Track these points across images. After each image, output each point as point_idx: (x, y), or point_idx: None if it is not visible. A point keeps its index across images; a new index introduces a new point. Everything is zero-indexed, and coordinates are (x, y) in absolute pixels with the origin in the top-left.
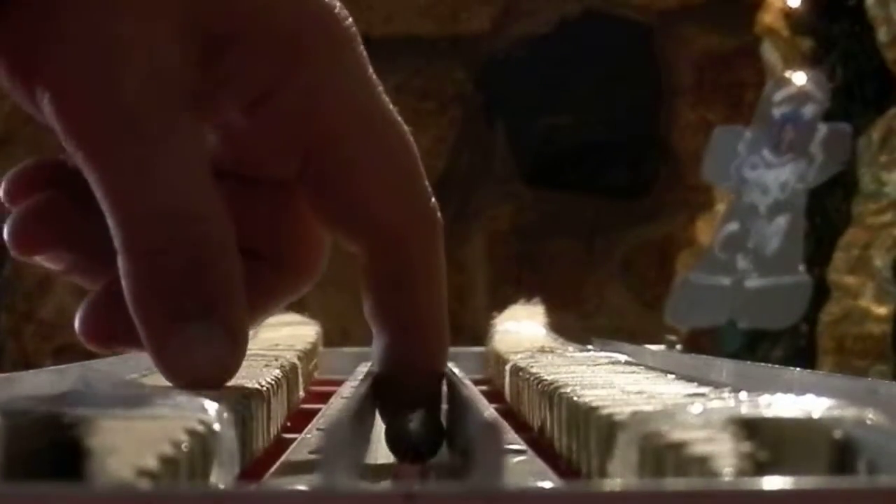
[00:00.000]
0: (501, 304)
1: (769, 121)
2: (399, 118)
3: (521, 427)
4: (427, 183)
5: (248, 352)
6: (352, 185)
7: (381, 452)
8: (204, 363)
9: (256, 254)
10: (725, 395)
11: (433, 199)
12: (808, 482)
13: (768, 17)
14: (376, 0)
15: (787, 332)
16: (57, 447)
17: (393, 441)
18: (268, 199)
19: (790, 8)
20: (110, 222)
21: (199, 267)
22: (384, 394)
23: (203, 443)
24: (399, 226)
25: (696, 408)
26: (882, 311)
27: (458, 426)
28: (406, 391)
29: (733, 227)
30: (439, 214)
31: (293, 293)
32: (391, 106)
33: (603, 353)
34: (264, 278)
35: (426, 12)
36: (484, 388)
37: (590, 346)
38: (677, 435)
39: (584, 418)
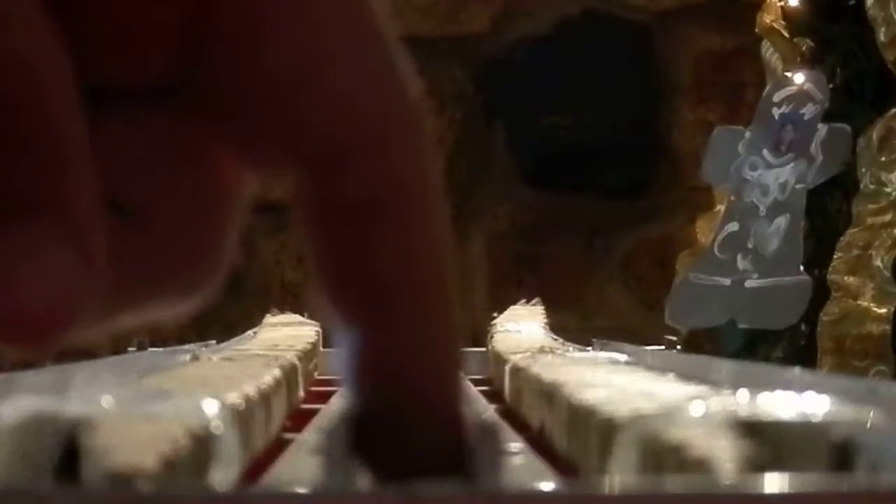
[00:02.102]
0: (501, 304)
1: (769, 121)
2: None
3: (521, 427)
4: (402, 64)
5: (248, 352)
6: (274, 59)
7: None
8: (32, 288)
9: (123, 211)
10: (725, 395)
11: (412, 87)
12: (808, 482)
13: (768, 17)
14: (376, 0)
15: (787, 332)
16: (57, 447)
17: None
18: (139, 124)
19: (790, 8)
20: None
21: (14, 120)
22: (374, 447)
23: (203, 443)
24: (360, 129)
25: (696, 408)
26: (882, 311)
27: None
28: (405, 442)
29: (733, 227)
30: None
31: (183, 283)
32: None
33: (603, 353)
34: (132, 248)
35: (426, 12)
36: (484, 388)
37: (590, 347)
38: (677, 435)
39: (584, 418)
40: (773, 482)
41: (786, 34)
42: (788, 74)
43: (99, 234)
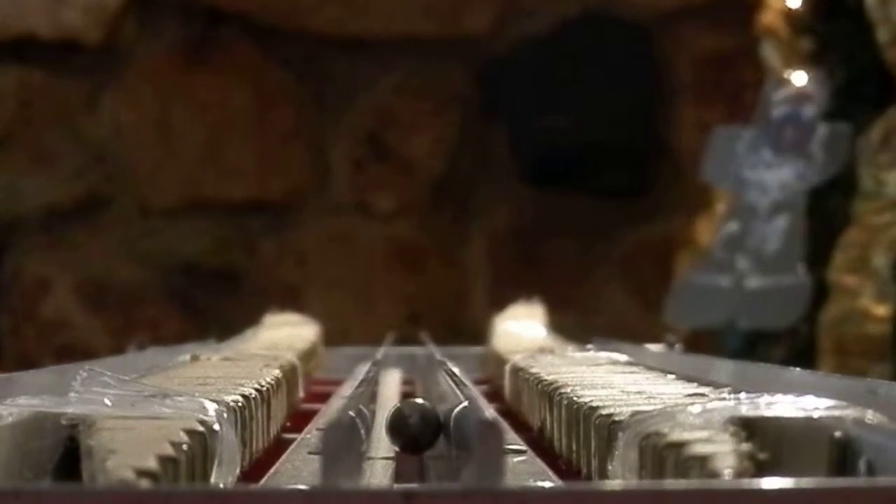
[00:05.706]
0: (501, 304)
1: (769, 121)
2: None
3: (521, 427)
4: None
5: (247, 352)
6: None
7: (381, 446)
8: None
9: None
10: (725, 395)
11: None
12: (808, 482)
13: (768, 17)
14: (376, 0)
15: (787, 332)
16: (57, 447)
17: (393, 434)
18: None
19: (790, 8)
20: None
21: None
22: None
23: (203, 443)
24: None
25: (696, 408)
26: (882, 311)
27: (458, 425)
28: None
29: (733, 227)
30: None
31: None
32: None
33: (603, 353)
34: None
35: (426, 12)
36: (484, 388)
37: (590, 346)
38: (677, 435)
39: (584, 418)
40: (773, 482)
41: (786, 34)
42: (788, 74)
43: None
